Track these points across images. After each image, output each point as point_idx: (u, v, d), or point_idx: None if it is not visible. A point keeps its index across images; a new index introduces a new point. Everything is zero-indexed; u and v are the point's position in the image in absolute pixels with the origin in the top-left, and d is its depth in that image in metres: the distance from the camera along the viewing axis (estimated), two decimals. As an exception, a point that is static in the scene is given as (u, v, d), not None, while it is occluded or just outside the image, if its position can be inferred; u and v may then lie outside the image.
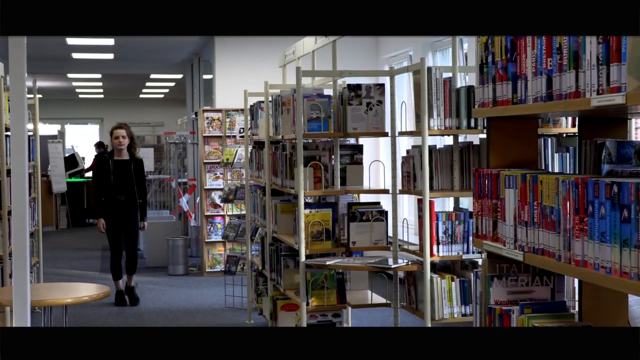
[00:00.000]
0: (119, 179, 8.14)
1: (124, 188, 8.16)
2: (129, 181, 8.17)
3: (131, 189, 8.18)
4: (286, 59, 7.70)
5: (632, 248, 2.02)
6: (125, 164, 8.20)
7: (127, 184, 8.17)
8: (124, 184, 8.16)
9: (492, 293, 2.79)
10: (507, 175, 2.67)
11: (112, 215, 8.13)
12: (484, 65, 2.87)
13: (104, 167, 8.22)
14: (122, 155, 8.23)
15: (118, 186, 8.14)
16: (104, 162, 8.29)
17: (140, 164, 8.32)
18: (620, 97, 2.06)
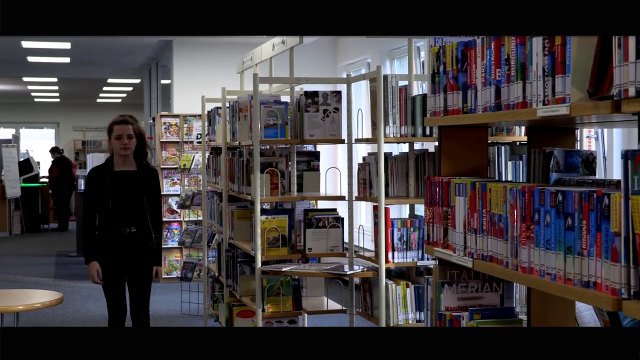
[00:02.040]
0: (123, 202, 5.22)
1: (130, 216, 5.24)
2: (138, 205, 5.25)
3: (141, 217, 5.26)
4: (244, 65, 7.70)
5: (575, 255, 2.07)
6: (132, 177, 5.26)
7: (136, 210, 5.25)
8: (130, 209, 5.24)
9: (442, 299, 2.83)
10: (457, 183, 2.71)
11: (112, 257, 5.24)
12: (436, 75, 2.92)
13: (97, 185, 5.22)
14: (126, 164, 5.28)
15: (121, 213, 5.21)
16: (97, 176, 5.27)
17: (155, 178, 5.37)
18: (564, 107, 2.11)
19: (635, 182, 1.87)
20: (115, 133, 5.22)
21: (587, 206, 2.02)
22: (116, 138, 5.21)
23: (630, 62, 1.84)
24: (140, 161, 5.32)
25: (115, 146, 5.23)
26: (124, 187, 5.23)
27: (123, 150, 5.20)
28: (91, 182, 5.31)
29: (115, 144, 5.23)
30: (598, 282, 1.99)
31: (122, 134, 5.21)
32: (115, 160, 5.28)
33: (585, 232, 2.03)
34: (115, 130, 5.23)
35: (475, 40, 2.64)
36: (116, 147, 5.23)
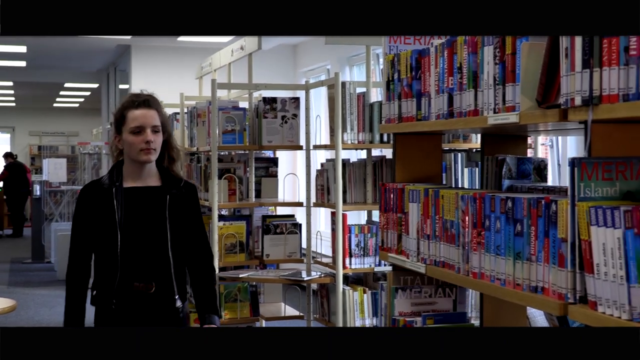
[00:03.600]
0: (142, 239, 3.13)
1: (153, 263, 3.12)
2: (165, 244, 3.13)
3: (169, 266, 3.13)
4: (203, 71, 7.69)
5: (524, 261, 2.11)
6: (155, 198, 3.16)
7: (162, 252, 3.12)
8: (153, 251, 3.13)
9: (396, 305, 2.86)
10: (411, 189, 2.74)
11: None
12: (391, 82, 2.95)
13: (97, 211, 3.15)
14: (145, 176, 3.18)
15: (138, 259, 3.11)
16: (96, 197, 3.16)
17: (194, 197, 3.25)
18: (514, 116, 2.15)
19: (582, 189, 1.91)
20: (131, 124, 3.05)
21: (535, 212, 2.06)
22: (134, 132, 3.04)
23: (576, 71, 1.88)
24: (166, 171, 3.18)
25: (132, 146, 3.05)
26: (142, 214, 3.10)
27: (145, 153, 3.05)
28: (85, 206, 3.13)
29: (131, 142, 3.05)
30: (546, 287, 2.03)
31: (144, 126, 3.04)
32: (126, 170, 3.13)
33: (533, 238, 2.07)
34: (132, 120, 3.05)
35: (429, 48, 2.68)
36: (133, 148, 3.05)
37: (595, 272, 1.84)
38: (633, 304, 1.74)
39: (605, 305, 1.81)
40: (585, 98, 1.86)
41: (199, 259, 3.21)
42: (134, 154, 3.08)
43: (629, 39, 1.75)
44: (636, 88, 1.74)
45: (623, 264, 1.75)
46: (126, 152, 3.12)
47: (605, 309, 1.81)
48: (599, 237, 1.82)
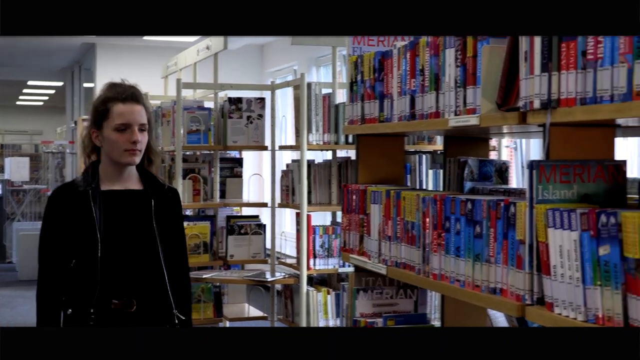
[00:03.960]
0: (126, 250, 2.78)
1: (136, 277, 2.79)
2: (151, 255, 2.80)
3: (155, 280, 2.80)
4: (168, 70, 7.65)
5: (483, 262, 2.12)
6: (139, 203, 2.83)
7: (147, 265, 2.80)
8: (135, 263, 2.79)
9: (357, 306, 2.86)
10: (373, 191, 2.75)
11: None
12: (354, 84, 2.96)
13: (71, 218, 2.77)
14: (125, 179, 2.84)
15: (120, 273, 2.76)
16: (69, 202, 2.78)
17: (177, 204, 2.94)
18: (475, 118, 2.16)
19: (540, 192, 1.93)
20: (116, 120, 2.72)
21: (494, 214, 2.08)
22: (119, 130, 2.71)
23: (535, 75, 1.90)
24: (147, 174, 2.86)
25: (115, 145, 2.73)
26: (125, 220, 2.78)
27: (130, 154, 2.73)
28: (57, 212, 2.77)
29: (114, 140, 2.72)
30: (504, 289, 2.05)
31: (131, 123, 2.72)
32: (104, 171, 2.79)
33: (492, 240, 2.09)
34: (118, 115, 2.72)
35: (391, 50, 2.69)
36: (116, 148, 2.73)
37: (552, 274, 1.86)
38: (588, 306, 1.75)
39: (562, 306, 1.83)
40: (543, 101, 1.88)
41: (177, 272, 2.84)
42: (117, 154, 2.74)
43: (587, 43, 1.77)
44: (593, 92, 1.76)
45: (579, 266, 1.77)
46: (106, 150, 2.76)
47: (562, 310, 1.83)
48: (556, 239, 1.84)
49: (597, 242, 1.72)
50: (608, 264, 1.70)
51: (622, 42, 1.67)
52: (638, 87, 1.64)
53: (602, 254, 1.72)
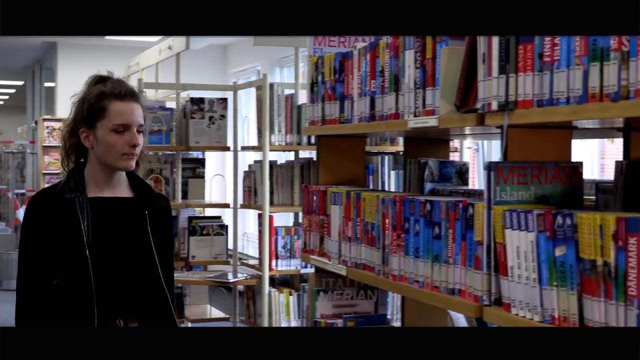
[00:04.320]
0: (120, 265, 2.48)
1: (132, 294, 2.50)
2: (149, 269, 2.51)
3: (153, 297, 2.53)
4: (130, 70, 7.59)
5: (441, 263, 2.13)
6: (131, 213, 2.53)
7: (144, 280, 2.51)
8: (131, 279, 2.50)
9: (318, 307, 2.86)
10: (333, 192, 2.74)
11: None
12: (315, 85, 2.95)
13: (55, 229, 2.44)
14: (115, 185, 2.53)
15: (114, 290, 2.46)
16: (53, 211, 2.45)
17: (168, 214, 2.63)
18: (434, 119, 2.17)
19: (498, 193, 1.94)
20: (115, 120, 2.44)
21: (453, 216, 2.08)
22: (116, 131, 2.44)
23: (493, 77, 1.91)
24: (136, 179, 2.58)
25: (112, 148, 2.44)
26: (117, 232, 2.49)
27: (128, 159, 2.46)
28: (39, 222, 2.46)
29: (112, 142, 2.44)
30: (462, 290, 2.05)
31: (130, 124, 2.46)
32: (92, 176, 2.50)
33: (451, 241, 2.09)
34: (117, 114, 2.44)
35: (352, 51, 2.69)
36: (113, 151, 2.44)
37: (509, 275, 1.87)
38: (545, 306, 1.77)
39: (519, 307, 1.84)
40: (501, 103, 1.89)
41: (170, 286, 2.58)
42: (112, 158, 2.43)
43: (544, 45, 1.78)
44: (550, 94, 1.77)
45: (536, 267, 1.78)
46: (98, 153, 2.44)
47: (519, 310, 1.84)
48: (513, 240, 1.85)
49: (554, 243, 1.74)
50: (564, 265, 1.71)
51: (578, 45, 1.69)
52: (593, 89, 1.65)
53: (558, 254, 1.73)
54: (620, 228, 1.58)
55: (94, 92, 2.47)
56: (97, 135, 2.44)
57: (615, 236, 1.59)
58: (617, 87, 1.59)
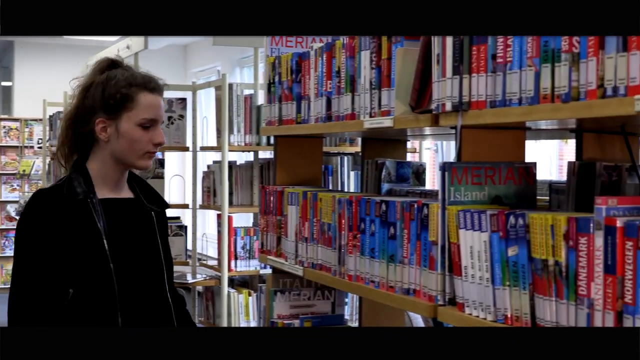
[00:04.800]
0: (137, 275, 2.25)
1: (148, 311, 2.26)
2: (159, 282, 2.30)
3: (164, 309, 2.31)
4: (88, 69, 7.51)
5: (397, 263, 2.13)
6: (138, 215, 2.30)
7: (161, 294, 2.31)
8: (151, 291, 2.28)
9: (275, 307, 2.85)
10: (290, 192, 2.74)
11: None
12: (272, 85, 2.94)
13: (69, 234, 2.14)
14: (121, 183, 2.29)
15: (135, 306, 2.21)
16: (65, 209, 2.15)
17: (164, 215, 2.42)
18: (389, 120, 2.17)
19: (452, 193, 1.95)
20: (143, 113, 2.21)
21: (408, 216, 2.09)
22: (143, 126, 2.21)
23: (447, 78, 1.92)
24: (136, 179, 2.37)
25: (136, 144, 2.20)
26: (131, 238, 2.27)
27: (149, 157, 2.25)
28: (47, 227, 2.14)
29: (137, 138, 2.20)
30: (417, 290, 2.06)
31: (157, 119, 2.25)
32: (100, 174, 2.23)
33: (406, 241, 2.10)
34: (146, 107, 2.22)
35: (309, 52, 2.68)
36: (136, 148, 2.21)
37: (463, 275, 1.88)
38: (497, 306, 1.78)
39: (472, 306, 1.85)
40: (455, 104, 1.90)
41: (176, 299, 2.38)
42: (134, 155, 2.19)
43: (497, 46, 1.80)
44: (503, 95, 1.78)
45: (489, 267, 1.80)
46: (117, 148, 2.18)
47: (472, 310, 1.85)
48: (467, 240, 1.86)
49: (506, 243, 1.75)
50: (516, 265, 1.72)
51: (530, 46, 1.70)
52: (545, 90, 1.67)
53: (510, 254, 1.74)
54: (571, 228, 1.60)
55: (119, 77, 2.20)
56: (119, 127, 2.18)
57: (566, 236, 1.61)
58: (567, 89, 1.61)
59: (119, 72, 2.23)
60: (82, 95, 2.22)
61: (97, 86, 2.20)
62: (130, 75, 2.23)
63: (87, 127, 2.20)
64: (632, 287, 1.46)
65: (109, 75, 2.22)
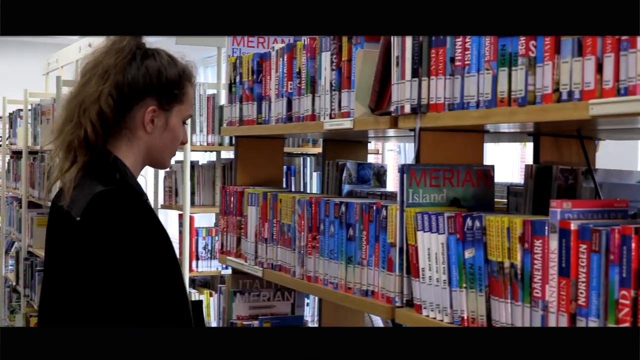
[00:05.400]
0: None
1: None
2: None
3: None
4: (49, 67, 7.43)
5: (355, 265, 2.14)
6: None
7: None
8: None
9: (234, 308, 2.84)
10: (250, 193, 2.73)
11: None
12: (233, 85, 2.93)
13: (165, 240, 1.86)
14: None
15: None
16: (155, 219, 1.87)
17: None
18: (348, 122, 2.17)
19: (410, 195, 1.95)
20: (189, 109, 2.01)
21: (367, 218, 2.09)
22: (185, 122, 2.02)
23: (406, 80, 1.92)
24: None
25: (175, 141, 2.00)
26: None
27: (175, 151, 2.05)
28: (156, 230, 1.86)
29: (179, 134, 2.00)
30: (375, 291, 2.06)
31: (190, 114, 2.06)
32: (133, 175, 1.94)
33: (365, 243, 2.10)
34: (190, 101, 2.02)
35: (270, 52, 2.68)
36: (174, 144, 2.00)
37: (420, 277, 1.88)
38: (454, 308, 1.79)
39: (429, 308, 1.86)
40: (414, 106, 1.90)
41: None
42: (169, 153, 1.99)
43: (455, 50, 1.81)
44: (461, 98, 1.79)
45: (446, 269, 1.80)
46: (157, 144, 1.93)
47: (429, 312, 1.86)
48: (425, 242, 1.86)
49: (463, 245, 1.76)
50: (473, 267, 1.73)
51: (488, 50, 1.71)
52: (502, 94, 1.68)
53: (467, 257, 1.75)
54: (527, 230, 1.61)
55: (176, 64, 1.97)
56: (169, 120, 1.93)
57: (522, 238, 1.62)
58: (524, 92, 1.62)
59: (164, 54, 1.97)
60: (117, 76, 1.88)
61: (148, 68, 1.92)
62: (178, 60, 1.98)
63: (129, 113, 1.89)
64: (585, 290, 1.47)
65: (160, 56, 1.95)
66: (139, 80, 1.90)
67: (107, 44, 1.96)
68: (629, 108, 1.40)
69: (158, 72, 1.92)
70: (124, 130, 1.91)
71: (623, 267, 1.39)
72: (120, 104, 1.88)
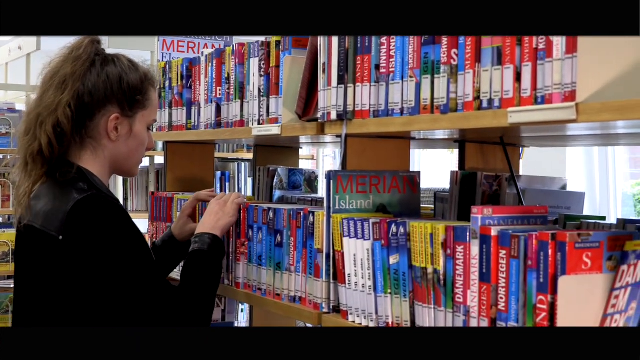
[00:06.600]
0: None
1: None
2: None
3: None
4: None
5: (283, 271, 2.13)
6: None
7: None
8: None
9: (164, 316, 2.80)
10: (180, 199, 2.71)
11: None
12: (162, 90, 2.91)
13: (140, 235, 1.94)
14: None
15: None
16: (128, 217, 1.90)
17: None
18: (276, 128, 2.17)
19: (337, 201, 1.96)
20: (153, 114, 2.02)
21: (295, 224, 2.09)
22: (149, 129, 2.04)
23: (332, 87, 1.93)
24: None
25: (140, 149, 2.01)
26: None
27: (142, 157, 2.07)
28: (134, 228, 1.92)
29: (143, 141, 2.00)
30: (303, 297, 2.06)
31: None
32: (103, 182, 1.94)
33: (293, 249, 2.10)
34: (154, 107, 2.02)
35: (199, 57, 2.66)
36: (139, 152, 2.01)
37: (347, 282, 1.89)
38: (379, 313, 1.80)
39: (355, 314, 1.87)
40: (340, 113, 1.91)
41: None
42: (135, 161, 1.99)
43: (380, 57, 1.82)
44: (385, 105, 1.81)
45: (371, 275, 1.81)
46: (121, 152, 1.92)
47: (355, 318, 1.87)
48: (351, 248, 1.87)
49: (388, 251, 1.77)
50: (397, 273, 1.75)
51: (411, 58, 1.73)
52: (425, 101, 1.70)
53: (392, 262, 1.77)
54: (449, 237, 1.63)
55: (137, 69, 1.95)
56: (133, 127, 1.92)
57: (445, 244, 1.64)
58: (446, 100, 1.64)
59: (124, 60, 1.95)
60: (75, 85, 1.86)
61: (108, 74, 1.90)
62: (139, 65, 1.97)
63: (92, 122, 1.88)
64: (505, 295, 1.50)
65: (120, 62, 1.93)
66: (99, 87, 1.88)
67: (64, 53, 1.94)
68: (545, 116, 1.43)
69: (119, 78, 1.90)
70: (87, 140, 1.90)
71: (540, 273, 1.42)
72: (81, 113, 1.87)
